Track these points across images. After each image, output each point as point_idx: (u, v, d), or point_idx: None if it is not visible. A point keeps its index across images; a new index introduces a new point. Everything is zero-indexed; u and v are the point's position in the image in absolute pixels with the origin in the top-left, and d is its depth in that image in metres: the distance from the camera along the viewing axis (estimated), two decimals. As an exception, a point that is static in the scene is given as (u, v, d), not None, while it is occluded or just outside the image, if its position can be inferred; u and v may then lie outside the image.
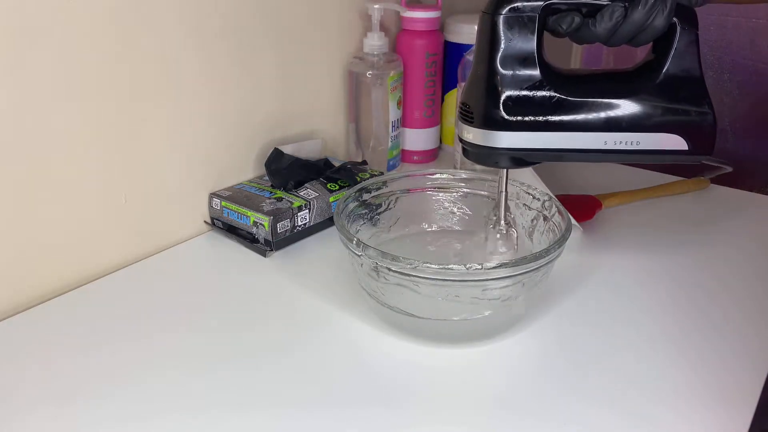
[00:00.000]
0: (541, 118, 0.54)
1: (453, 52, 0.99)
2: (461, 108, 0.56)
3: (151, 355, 0.57)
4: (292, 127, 0.88)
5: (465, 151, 0.58)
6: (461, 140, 0.57)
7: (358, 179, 0.81)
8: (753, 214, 0.86)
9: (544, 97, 0.54)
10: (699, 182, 0.91)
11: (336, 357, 0.58)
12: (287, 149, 0.82)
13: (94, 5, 0.63)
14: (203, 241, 0.78)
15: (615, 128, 0.54)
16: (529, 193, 0.68)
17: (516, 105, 0.54)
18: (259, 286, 0.69)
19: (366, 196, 0.69)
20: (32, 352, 0.58)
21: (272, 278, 0.70)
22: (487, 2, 0.54)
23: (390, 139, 0.93)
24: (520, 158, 0.57)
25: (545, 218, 0.65)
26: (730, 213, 0.86)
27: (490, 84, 0.54)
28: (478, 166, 0.61)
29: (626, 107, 0.54)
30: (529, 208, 0.68)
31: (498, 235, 0.63)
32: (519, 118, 0.54)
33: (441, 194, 0.74)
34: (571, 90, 0.54)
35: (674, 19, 0.52)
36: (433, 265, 0.54)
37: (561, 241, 0.58)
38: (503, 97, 0.54)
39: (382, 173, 0.88)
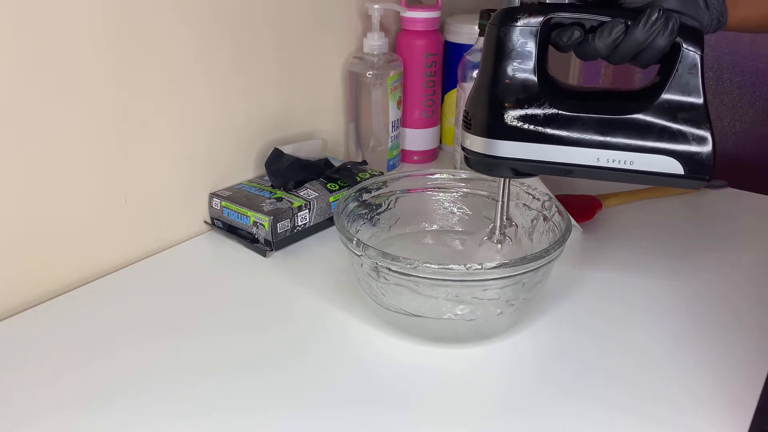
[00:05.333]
0: (536, 130, 0.54)
1: (453, 52, 0.99)
2: (464, 115, 0.57)
3: (150, 356, 0.57)
4: (292, 127, 0.88)
5: (466, 159, 0.59)
6: (462, 148, 0.59)
7: (358, 179, 0.81)
8: (753, 214, 0.86)
9: (540, 109, 0.54)
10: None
11: (335, 357, 0.58)
12: (287, 149, 0.82)
13: (95, 6, 0.63)
14: (203, 241, 0.78)
15: (609, 146, 0.54)
16: (529, 193, 0.68)
17: (513, 116, 0.54)
18: (259, 286, 0.69)
19: (366, 196, 0.69)
20: (32, 352, 0.58)
21: (272, 278, 0.70)
22: (494, 14, 0.55)
23: (390, 139, 0.93)
24: (517, 169, 0.57)
25: (545, 218, 0.65)
26: (730, 213, 0.86)
27: (490, 94, 0.55)
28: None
29: (621, 125, 0.53)
30: (529, 208, 0.68)
31: (492, 244, 0.63)
32: (515, 128, 0.54)
33: (441, 194, 0.74)
34: (568, 105, 0.54)
35: (678, 39, 0.52)
36: (433, 265, 0.54)
37: (561, 241, 0.58)
38: (501, 107, 0.54)
39: (382, 173, 0.88)
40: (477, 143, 0.56)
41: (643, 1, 0.53)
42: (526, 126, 0.54)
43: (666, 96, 0.53)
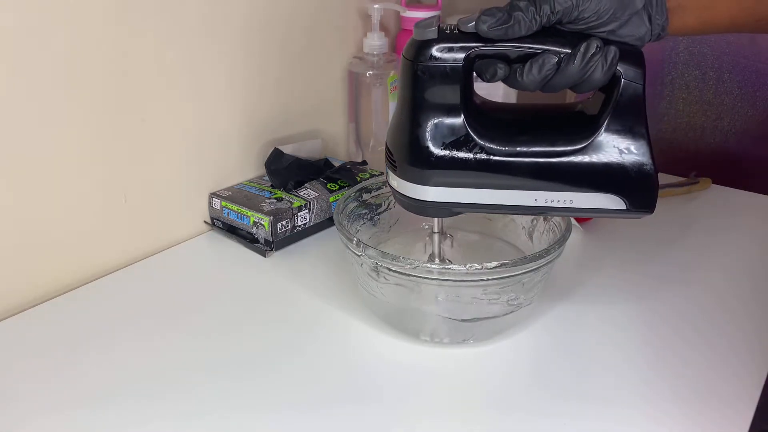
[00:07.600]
0: (466, 174, 0.49)
1: (453, 52, 0.99)
2: (386, 151, 0.52)
3: (150, 356, 0.57)
4: (292, 127, 0.88)
5: (395, 197, 0.55)
6: (388, 184, 0.54)
7: (358, 179, 0.81)
8: (753, 214, 0.86)
9: (470, 153, 0.49)
10: (700, 182, 0.91)
11: (335, 357, 0.58)
12: (287, 149, 0.82)
13: (96, 5, 0.63)
14: (203, 241, 0.78)
15: (546, 187, 0.50)
16: (529, 193, 0.68)
17: (439, 159, 0.49)
18: (259, 286, 0.68)
19: (366, 196, 0.69)
20: (32, 352, 0.58)
21: (272, 278, 0.70)
22: (408, 46, 0.48)
23: (390, 139, 0.93)
24: (451, 210, 0.53)
25: (545, 218, 0.65)
26: (731, 213, 0.86)
27: (411, 137, 0.49)
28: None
29: (558, 164, 0.49)
30: (529, 208, 0.68)
31: None
32: (442, 172, 0.50)
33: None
34: (500, 144, 0.49)
35: (618, 71, 0.47)
36: (433, 265, 0.54)
37: (561, 241, 0.58)
38: (425, 152, 0.49)
39: (382, 173, 0.88)
40: (404, 186, 0.52)
41: (585, 24, 0.47)
42: (454, 171, 0.49)
43: (605, 132, 0.48)
